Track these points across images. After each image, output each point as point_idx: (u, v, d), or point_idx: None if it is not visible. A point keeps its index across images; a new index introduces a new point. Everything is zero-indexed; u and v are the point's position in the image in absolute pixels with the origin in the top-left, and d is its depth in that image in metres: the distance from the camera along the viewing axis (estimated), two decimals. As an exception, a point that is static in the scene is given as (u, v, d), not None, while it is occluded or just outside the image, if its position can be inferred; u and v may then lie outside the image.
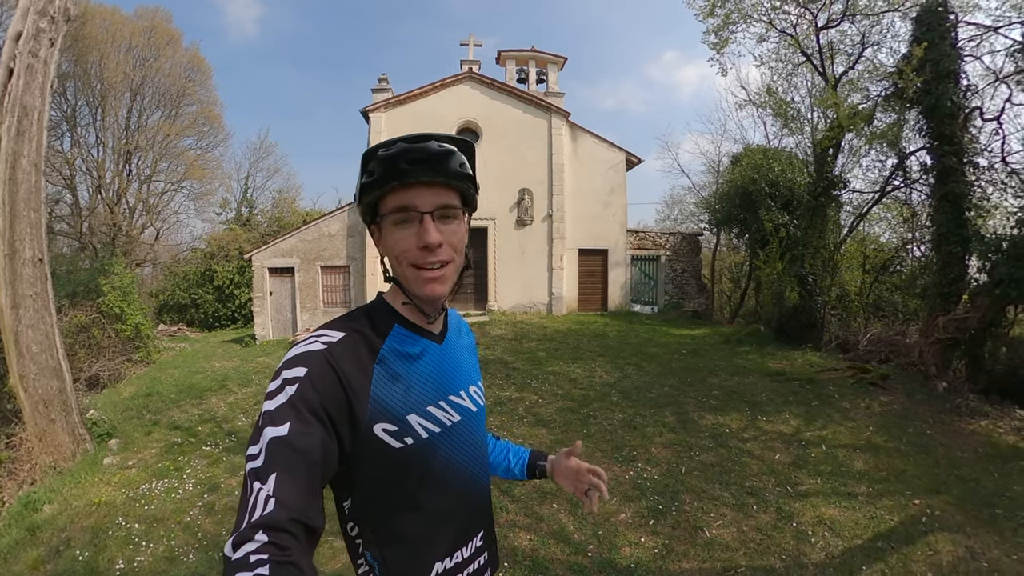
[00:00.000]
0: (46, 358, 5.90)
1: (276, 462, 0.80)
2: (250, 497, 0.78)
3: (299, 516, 0.77)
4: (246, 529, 0.74)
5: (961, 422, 6.27)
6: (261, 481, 0.78)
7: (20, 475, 5.64)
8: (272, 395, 0.88)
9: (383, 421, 0.94)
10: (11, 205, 5.69)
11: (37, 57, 5.88)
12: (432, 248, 0.96)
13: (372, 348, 0.98)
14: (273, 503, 0.76)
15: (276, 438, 0.82)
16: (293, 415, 0.84)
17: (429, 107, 14.78)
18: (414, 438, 0.97)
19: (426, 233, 0.95)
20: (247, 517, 0.76)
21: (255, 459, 0.81)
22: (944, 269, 7.72)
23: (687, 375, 8.17)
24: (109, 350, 10.65)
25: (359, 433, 0.92)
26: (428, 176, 0.95)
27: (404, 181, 0.94)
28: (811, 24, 10.14)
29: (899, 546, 3.79)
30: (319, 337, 0.95)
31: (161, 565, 3.91)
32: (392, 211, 0.96)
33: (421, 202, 0.96)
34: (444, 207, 0.98)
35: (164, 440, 6.44)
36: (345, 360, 0.93)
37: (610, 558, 3.65)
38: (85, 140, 21.30)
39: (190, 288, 20.55)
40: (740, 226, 14.89)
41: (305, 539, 0.77)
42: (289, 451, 0.81)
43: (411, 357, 1.02)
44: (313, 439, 0.84)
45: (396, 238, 0.97)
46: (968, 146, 7.97)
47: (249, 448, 0.84)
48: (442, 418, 1.03)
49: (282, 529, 0.74)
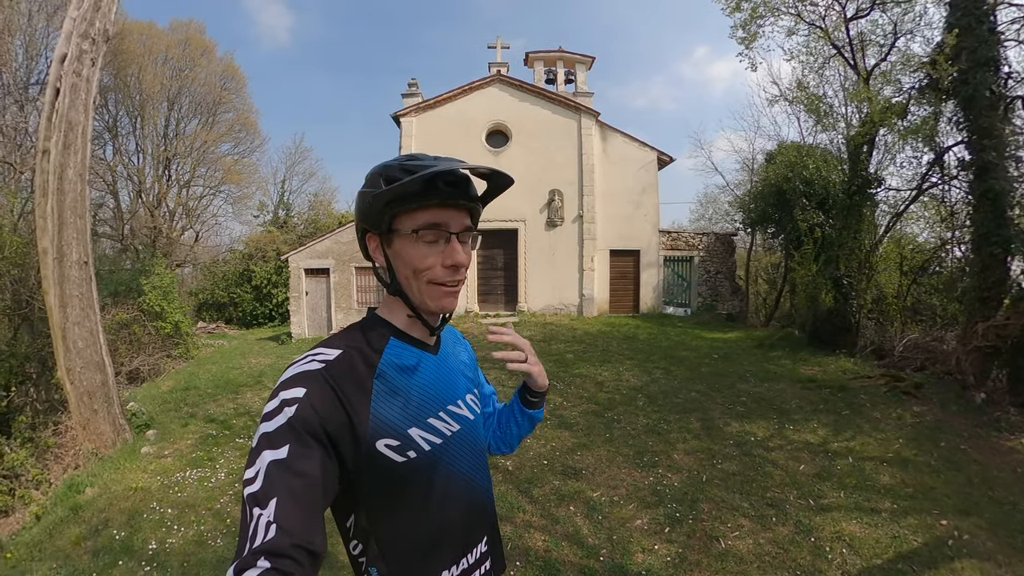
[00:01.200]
0: (91, 353, 6.25)
1: (276, 486, 0.79)
2: (251, 523, 0.77)
3: (301, 541, 0.76)
4: (248, 556, 0.73)
5: (999, 437, 5.92)
6: (261, 506, 0.77)
7: (65, 460, 6.01)
8: (270, 416, 0.86)
9: (385, 436, 0.94)
10: (59, 213, 6.05)
11: (80, 76, 6.23)
12: (459, 268, 1.00)
13: (370, 363, 0.98)
14: (275, 529, 0.75)
15: (275, 461, 0.81)
16: (292, 437, 0.83)
17: (459, 110, 14.90)
18: (416, 451, 0.98)
19: (456, 254, 0.99)
20: (248, 544, 0.75)
21: (253, 483, 0.80)
22: (984, 272, 7.33)
23: (716, 380, 8.05)
24: (149, 346, 11.14)
25: (361, 451, 0.92)
26: (463, 199, 0.98)
27: (444, 201, 0.97)
28: (840, 15, 9.88)
29: (921, 569, 3.59)
30: (316, 356, 0.94)
31: (191, 548, 4.13)
32: (425, 227, 0.97)
33: (453, 223, 0.99)
34: (467, 229, 1.02)
35: (200, 432, 6.72)
36: (343, 378, 0.92)
37: (622, 564, 3.65)
38: (126, 148, 22.45)
39: (229, 287, 21.27)
40: (775, 226, 14.53)
41: (308, 564, 0.77)
42: (289, 474, 0.80)
43: (409, 370, 1.03)
44: (313, 461, 0.83)
45: (421, 253, 0.98)
46: (1009, 139, 7.48)
47: (246, 471, 0.83)
48: (442, 429, 1.04)
49: (285, 555, 0.74)
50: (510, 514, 4.32)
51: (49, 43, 15.67)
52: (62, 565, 3.99)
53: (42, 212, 6.03)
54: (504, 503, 4.46)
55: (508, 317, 13.96)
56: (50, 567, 3.97)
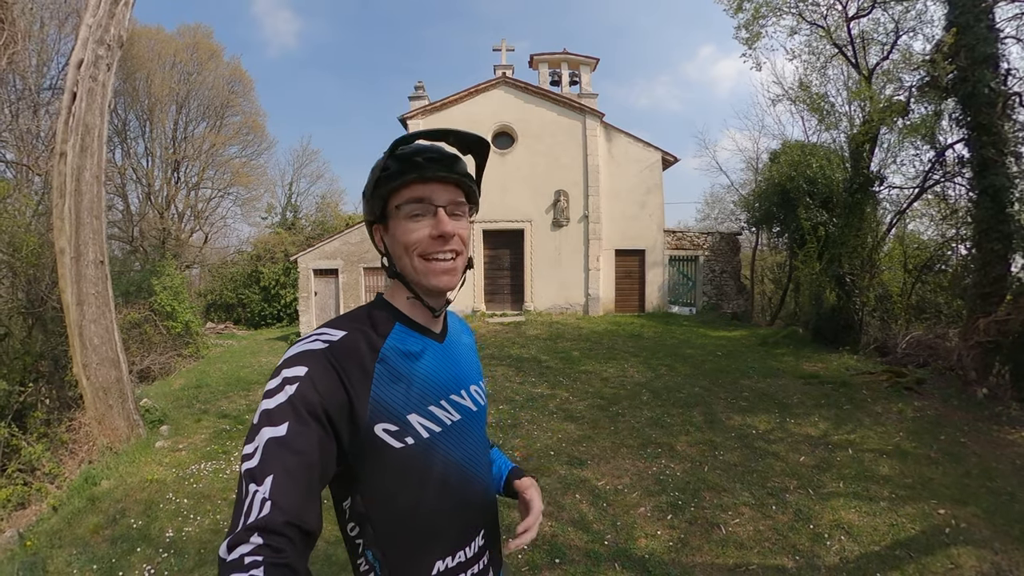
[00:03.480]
0: (106, 350, 6.40)
1: (273, 463, 0.79)
2: (246, 499, 0.77)
3: (295, 519, 0.77)
4: (241, 531, 0.74)
5: (1000, 431, 5.99)
6: (257, 482, 0.78)
7: (79, 455, 6.13)
8: (271, 393, 0.86)
9: (384, 421, 0.94)
10: (76, 213, 6.21)
11: (96, 81, 6.41)
12: (447, 238, 0.99)
13: (373, 347, 0.98)
14: (269, 505, 0.76)
15: (274, 438, 0.81)
16: (292, 415, 0.83)
17: (465, 113, 15.02)
18: (415, 438, 0.97)
19: (441, 223, 0.98)
20: (243, 519, 0.75)
21: (250, 459, 0.81)
22: (985, 268, 7.40)
23: (719, 376, 8.14)
24: (160, 345, 11.33)
25: (359, 433, 0.92)
26: (444, 172, 0.99)
27: (423, 175, 0.98)
28: (841, 14, 9.98)
29: (918, 555, 3.68)
30: (320, 336, 0.95)
31: (207, 536, 4.25)
32: (407, 202, 0.98)
33: (437, 196, 0.99)
34: (456, 203, 1.02)
35: (213, 427, 6.88)
36: (346, 359, 0.93)
37: (626, 548, 3.76)
38: (135, 151, 22.70)
39: (237, 288, 21.50)
40: (779, 225, 14.57)
41: (301, 542, 0.78)
42: (286, 452, 0.80)
43: (413, 356, 1.02)
44: (311, 440, 0.83)
45: (409, 229, 0.99)
46: (1009, 136, 7.53)
47: (244, 447, 0.83)
48: (443, 417, 1.03)
49: (277, 532, 0.75)
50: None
51: (60, 49, 15.93)
52: (81, 552, 4.12)
53: (59, 213, 6.18)
54: (511, 492, 4.56)
55: (514, 316, 14.07)
56: (70, 554, 4.10)
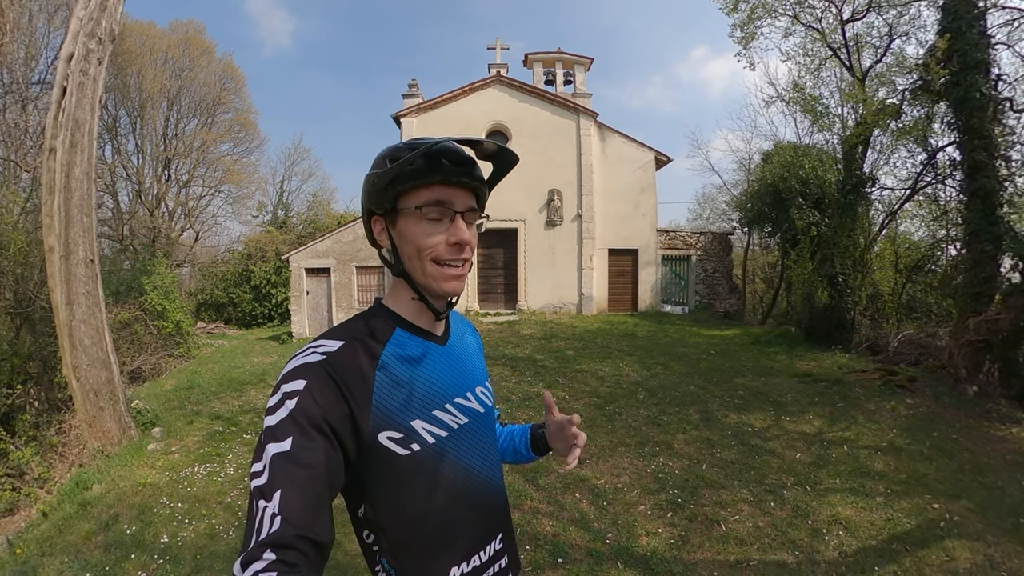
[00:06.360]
0: (96, 350, 6.27)
1: (280, 478, 0.80)
2: (256, 516, 0.78)
3: (306, 532, 0.77)
4: (254, 548, 0.74)
5: (990, 428, 6.10)
6: (266, 499, 0.78)
7: (69, 458, 6.03)
8: (272, 410, 0.87)
9: (387, 429, 0.93)
10: (66, 211, 6.07)
11: (87, 75, 6.28)
12: (463, 246, 0.98)
13: (372, 355, 0.97)
14: (279, 521, 0.76)
15: (279, 454, 0.82)
16: (295, 429, 0.83)
17: (459, 111, 15.01)
18: (420, 444, 0.96)
19: (461, 231, 0.97)
20: (255, 536, 0.76)
21: (259, 476, 0.81)
22: (975, 268, 7.49)
23: (714, 375, 8.19)
24: (151, 346, 11.21)
25: (363, 443, 0.91)
26: (467, 179, 0.98)
27: (448, 179, 0.96)
28: (836, 17, 10.02)
29: (914, 549, 3.76)
30: (317, 348, 0.94)
31: (202, 540, 4.19)
32: (428, 203, 0.96)
33: (457, 201, 0.98)
34: (471, 209, 1.01)
35: (206, 429, 6.78)
36: (345, 369, 0.92)
37: (627, 546, 3.77)
38: (125, 148, 22.37)
39: (228, 288, 21.33)
40: (771, 225, 14.65)
41: (314, 555, 0.78)
42: (293, 466, 0.81)
43: (414, 360, 1.01)
44: (316, 453, 0.83)
45: (425, 231, 0.97)
46: (999, 139, 7.64)
47: (253, 465, 0.84)
48: (448, 422, 1.02)
49: (290, 547, 0.75)
50: (518, 501, 4.44)
51: (49, 43, 15.73)
52: (74, 559, 4.00)
53: (48, 210, 6.06)
54: (512, 491, 4.56)
55: (508, 316, 14.07)
56: (62, 562, 3.98)
